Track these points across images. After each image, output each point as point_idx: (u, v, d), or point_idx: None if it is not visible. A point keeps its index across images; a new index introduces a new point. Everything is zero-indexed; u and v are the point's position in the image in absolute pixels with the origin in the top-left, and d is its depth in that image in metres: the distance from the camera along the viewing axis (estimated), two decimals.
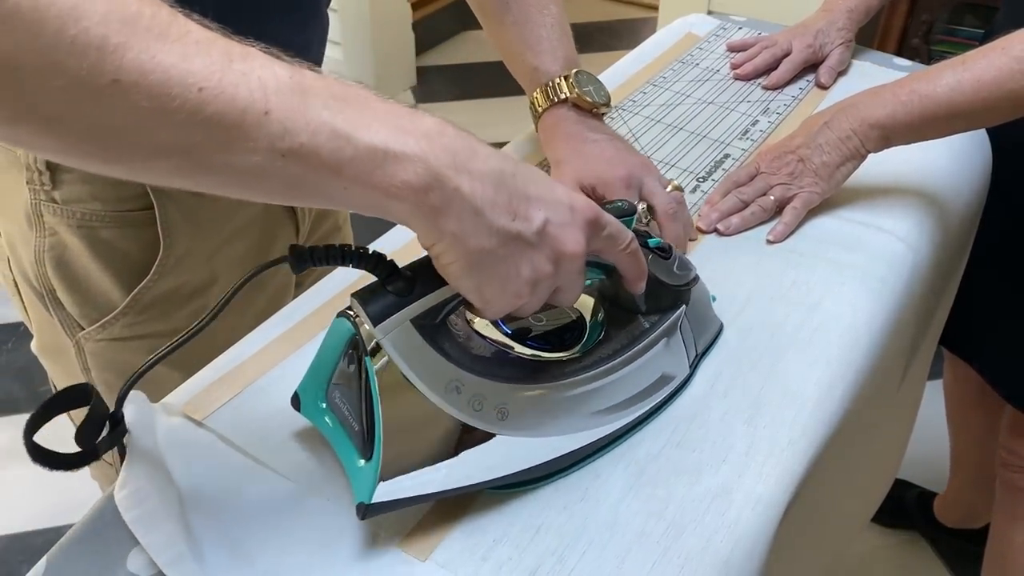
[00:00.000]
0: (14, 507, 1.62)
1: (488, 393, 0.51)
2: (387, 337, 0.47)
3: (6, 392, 1.85)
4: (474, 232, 0.44)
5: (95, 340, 0.75)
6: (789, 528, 0.56)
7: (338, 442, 0.52)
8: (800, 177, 0.79)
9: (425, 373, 0.48)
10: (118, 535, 0.50)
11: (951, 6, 2.17)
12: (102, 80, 0.35)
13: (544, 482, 0.54)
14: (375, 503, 0.48)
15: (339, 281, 0.70)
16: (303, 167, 0.40)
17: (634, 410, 0.57)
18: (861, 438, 0.74)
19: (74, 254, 0.72)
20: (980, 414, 1.41)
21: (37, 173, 0.68)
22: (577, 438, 0.54)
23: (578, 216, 0.48)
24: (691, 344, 0.62)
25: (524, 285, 0.47)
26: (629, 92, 0.97)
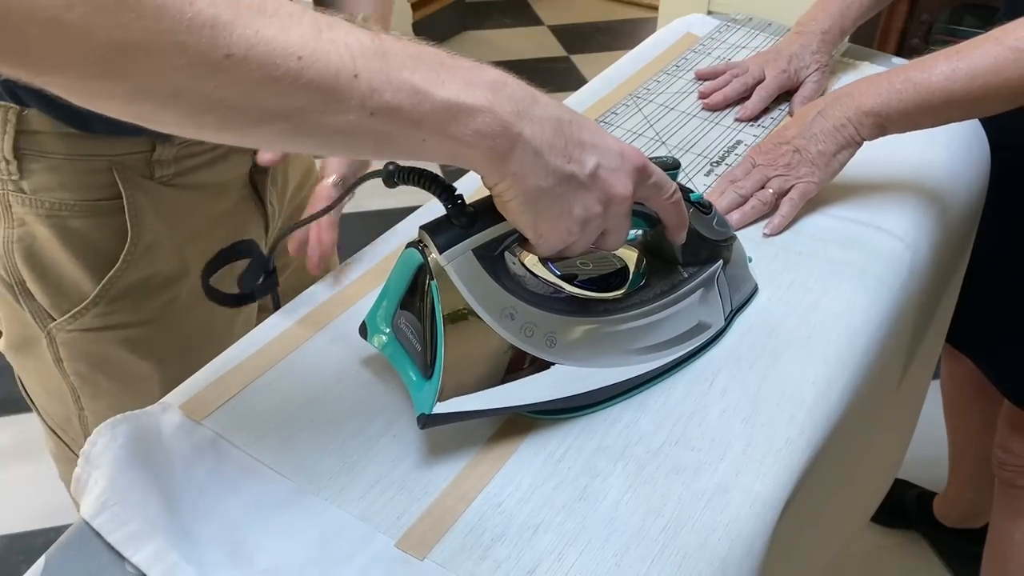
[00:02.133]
0: (14, 507, 1.62)
1: (538, 322, 0.56)
2: (451, 264, 0.52)
3: (6, 392, 1.85)
4: (533, 172, 0.48)
5: (66, 331, 0.75)
6: (787, 527, 0.56)
7: (400, 364, 0.57)
8: (797, 167, 0.78)
9: (483, 299, 0.53)
10: None
11: (951, 6, 2.17)
12: (216, 55, 0.38)
13: (582, 412, 0.59)
14: (435, 414, 0.53)
15: (329, 287, 0.70)
16: (388, 123, 0.44)
17: (671, 352, 0.62)
18: (860, 437, 0.74)
19: (43, 244, 0.71)
20: (977, 412, 1.41)
21: (4, 163, 0.68)
22: (618, 372, 0.59)
23: (627, 162, 0.52)
24: (727, 298, 0.66)
25: (575, 223, 0.52)
26: (629, 91, 0.97)
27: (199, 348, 0.65)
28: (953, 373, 1.43)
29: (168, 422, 0.57)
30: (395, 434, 0.57)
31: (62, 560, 0.50)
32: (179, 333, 0.78)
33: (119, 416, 0.55)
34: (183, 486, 0.53)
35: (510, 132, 0.47)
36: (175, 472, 0.54)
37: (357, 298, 0.68)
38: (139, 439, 0.54)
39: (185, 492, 0.53)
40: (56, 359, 0.77)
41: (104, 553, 0.49)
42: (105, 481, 0.51)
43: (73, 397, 0.80)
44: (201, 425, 0.57)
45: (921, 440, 1.40)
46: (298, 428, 0.57)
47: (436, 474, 0.54)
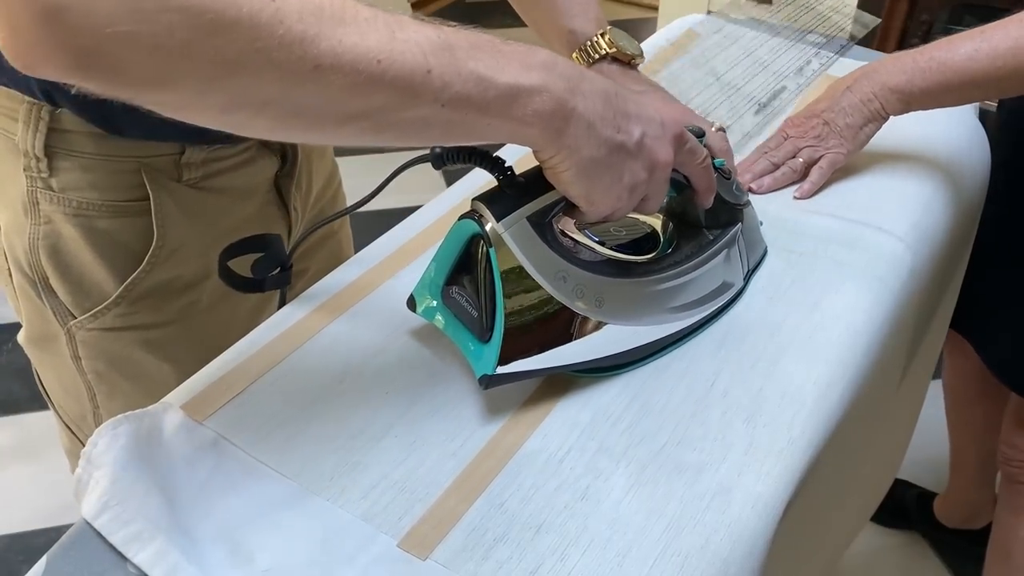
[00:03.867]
0: (14, 507, 1.62)
1: (587, 283, 0.59)
2: (507, 232, 0.55)
3: (6, 392, 1.85)
4: (587, 144, 0.52)
5: (86, 329, 0.75)
6: (789, 527, 0.56)
7: (454, 331, 0.60)
8: (826, 139, 0.82)
9: (538, 264, 0.57)
10: None
11: (951, 6, 2.17)
12: (306, 67, 0.41)
13: (625, 369, 0.62)
14: (497, 374, 0.56)
15: (330, 287, 0.70)
16: (458, 112, 0.47)
17: (702, 310, 0.66)
18: (860, 437, 0.74)
19: (69, 243, 0.72)
20: (980, 410, 1.42)
21: (35, 160, 0.68)
22: (658, 330, 0.63)
23: (668, 130, 0.57)
24: (745, 258, 0.70)
25: (624, 189, 0.56)
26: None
27: (217, 351, 0.65)
28: (956, 370, 1.43)
29: (169, 422, 0.57)
30: (397, 435, 0.57)
31: (63, 560, 0.50)
32: (198, 336, 0.78)
33: (120, 416, 0.55)
34: (185, 486, 0.53)
35: (565, 108, 0.50)
36: (177, 472, 0.53)
37: (357, 298, 0.68)
38: (141, 439, 0.54)
39: (187, 492, 0.52)
40: (74, 356, 0.77)
41: (106, 553, 0.49)
42: (107, 481, 0.51)
43: (89, 395, 0.80)
44: (202, 425, 0.57)
45: (921, 440, 1.40)
46: (300, 428, 0.57)
47: (438, 474, 0.54)
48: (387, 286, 0.69)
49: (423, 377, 0.61)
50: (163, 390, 0.62)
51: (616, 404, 0.60)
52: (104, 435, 0.54)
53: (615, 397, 0.60)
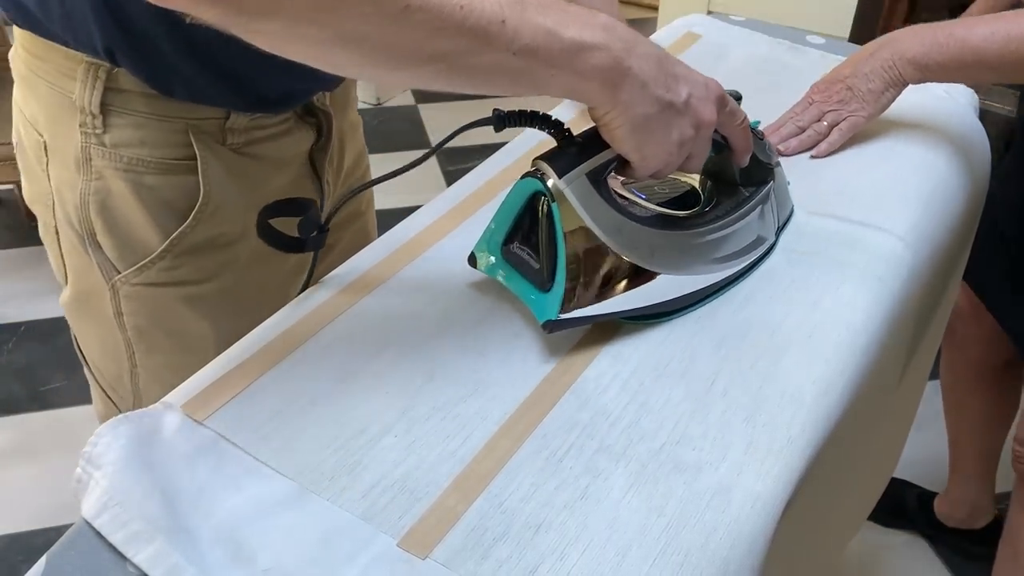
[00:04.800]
0: (14, 507, 1.62)
1: (641, 235, 0.64)
2: (569, 187, 0.59)
3: (6, 392, 1.85)
4: (640, 101, 0.56)
5: (130, 284, 0.79)
6: (788, 526, 0.56)
7: (516, 284, 0.65)
8: (849, 103, 0.86)
9: (597, 217, 0.61)
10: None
11: (951, 6, 2.17)
12: (397, 7, 0.46)
13: (673, 316, 0.67)
14: (560, 319, 0.61)
15: (330, 286, 0.70)
16: (527, 61, 0.52)
17: (740, 261, 0.70)
18: (859, 436, 0.74)
19: (118, 198, 0.75)
20: (977, 401, 1.42)
21: (91, 116, 0.72)
22: (704, 279, 0.68)
23: (711, 92, 0.61)
24: (775, 214, 0.74)
25: (674, 145, 0.60)
26: None
27: (253, 310, 0.68)
28: (952, 365, 1.43)
29: (169, 422, 0.57)
30: (396, 434, 0.57)
31: (63, 560, 0.50)
32: (235, 294, 0.81)
33: (120, 416, 0.55)
34: (185, 486, 0.53)
35: (621, 66, 0.55)
36: (177, 472, 0.54)
37: (357, 298, 0.68)
38: (141, 439, 0.54)
39: (186, 492, 0.52)
40: (117, 313, 0.80)
41: (106, 553, 0.50)
42: (107, 482, 0.51)
43: (128, 353, 0.83)
44: (202, 425, 0.57)
45: (921, 440, 1.41)
46: (300, 428, 0.57)
47: (438, 474, 0.54)
48: (386, 287, 0.69)
49: (423, 377, 0.61)
50: (200, 347, 0.66)
51: (616, 403, 0.60)
52: (104, 435, 0.54)
53: (614, 396, 0.60)
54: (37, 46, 0.73)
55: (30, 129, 0.77)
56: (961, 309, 1.36)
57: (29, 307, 2.09)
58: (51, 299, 2.14)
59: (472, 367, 0.62)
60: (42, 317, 2.06)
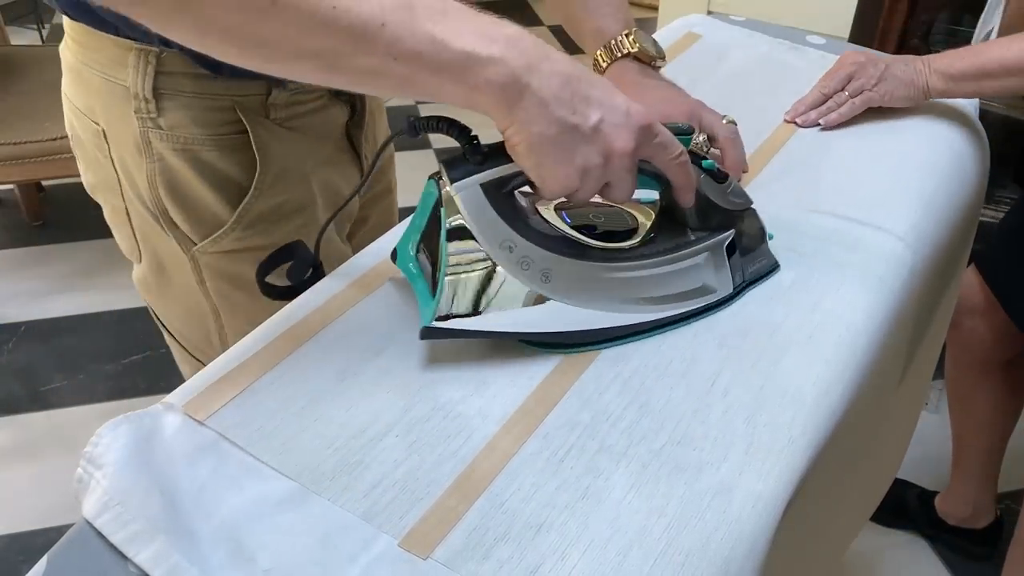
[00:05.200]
0: (14, 507, 1.62)
1: (535, 257, 0.61)
2: (460, 194, 0.58)
3: (6, 392, 1.85)
4: (538, 120, 0.54)
5: (209, 253, 0.82)
6: (789, 526, 0.56)
7: (417, 285, 0.64)
8: (875, 80, 0.91)
9: (484, 229, 0.59)
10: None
11: (951, 6, 2.17)
12: (264, 2, 0.46)
13: (575, 349, 0.63)
14: (432, 327, 0.60)
15: (330, 287, 0.70)
16: (409, 68, 0.51)
17: (671, 307, 0.66)
18: (860, 436, 0.74)
19: (181, 176, 0.78)
20: (982, 398, 1.42)
21: (144, 102, 0.75)
22: (613, 317, 0.64)
23: (632, 120, 0.57)
24: (737, 267, 0.69)
25: (575, 171, 0.56)
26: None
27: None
28: (957, 362, 1.43)
29: (170, 422, 0.57)
30: (397, 434, 0.57)
31: (64, 560, 0.50)
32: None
33: (121, 417, 0.55)
34: (185, 486, 0.53)
35: (519, 82, 0.52)
36: (177, 472, 0.53)
37: (358, 299, 0.68)
38: (141, 439, 0.54)
39: (187, 492, 0.52)
40: (200, 280, 0.84)
41: (106, 553, 0.50)
42: (107, 482, 0.51)
43: (214, 316, 0.87)
44: (203, 425, 0.57)
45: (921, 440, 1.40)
46: (300, 428, 0.57)
47: (439, 474, 0.54)
48: (386, 287, 0.69)
49: (424, 377, 0.61)
50: (277, 305, 0.69)
51: (616, 404, 0.60)
52: (105, 435, 0.54)
53: (615, 397, 0.60)
54: (89, 38, 0.75)
55: (85, 120, 0.80)
56: (973, 304, 1.37)
57: (29, 307, 2.09)
58: (51, 299, 2.15)
59: (473, 367, 0.62)
60: (42, 317, 2.06)
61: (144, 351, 1.95)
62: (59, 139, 1.83)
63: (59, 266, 2.22)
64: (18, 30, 3.07)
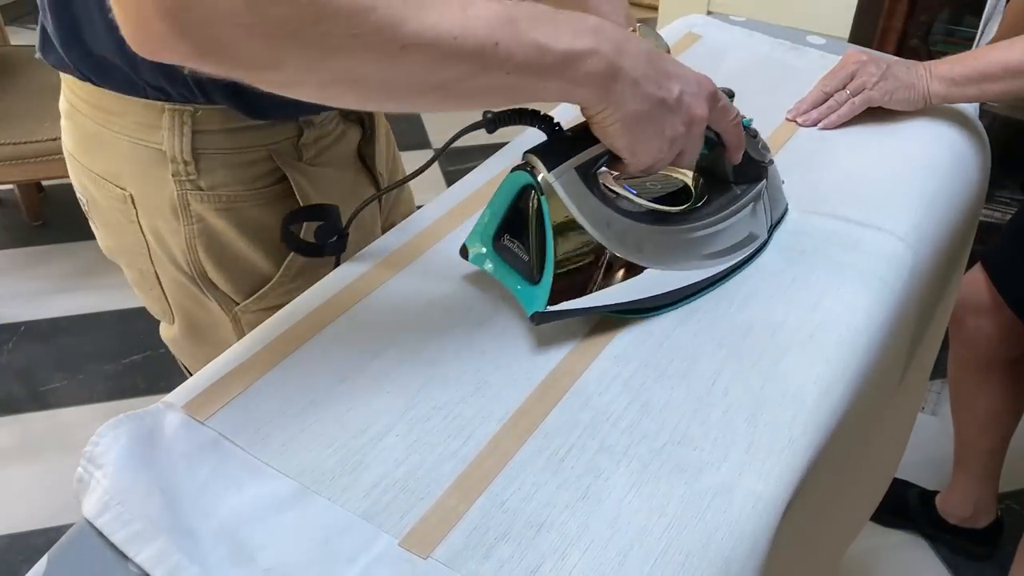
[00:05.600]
0: (14, 507, 1.62)
1: (629, 230, 0.64)
2: (558, 181, 0.60)
3: (6, 392, 1.85)
4: (632, 99, 0.57)
5: (251, 311, 0.81)
6: (790, 526, 0.56)
7: (505, 276, 0.66)
8: (877, 78, 0.91)
9: (585, 210, 0.62)
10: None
11: (951, 6, 2.17)
12: (395, 48, 0.47)
13: (664, 310, 0.67)
14: (547, 311, 0.62)
15: (335, 283, 0.70)
16: (519, 77, 0.53)
17: (731, 258, 0.71)
18: (861, 436, 0.74)
19: (222, 236, 0.77)
20: (985, 397, 1.42)
21: (183, 164, 0.73)
22: (693, 274, 0.68)
23: (703, 89, 0.62)
24: (768, 213, 0.75)
25: (665, 142, 0.61)
26: None
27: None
28: (960, 362, 1.43)
29: (171, 422, 0.57)
30: (398, 434, 0.57)
31: (65, 560, 0.50)
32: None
33: (121, 416, 0.55)
34: (186, 486, 0.53)
35: (613, 67, 0.55)
36: (178, 472, 0.54)
37: (358, 299, 0.68)
38: (142, 439, 0.54)
39: (188, 492, 0.52)
40: (240, 338, 0.82)
41: (107, 553, 0.50)
42: (108, 481, 0.51)
43: None
44: (204, 425, 0.57)
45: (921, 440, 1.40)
46: (301, 428, 0.57)
47: (439, 473, 0.54)
48: (387, 286, 0.69)
49: (424, 377, 0.61)
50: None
51: (617, 403, 0.60)
52: (105, 435, 0.54)
53: (616, 396, 0.60)
54: (114, 102, 0.73)
55: (107, 185, 0.77)
56: (978, 303, 1.37)
57: (29, 307, 2.09)
58: (51, 299, 2.15)
59: (473, 367, 0.62)
60: (42, 317, 2.06)
61: (144, 351, 1.95)
62: (59, 139, 1.82)
63: (59, 266, 2.22)
64: (18, 30, 3.07)
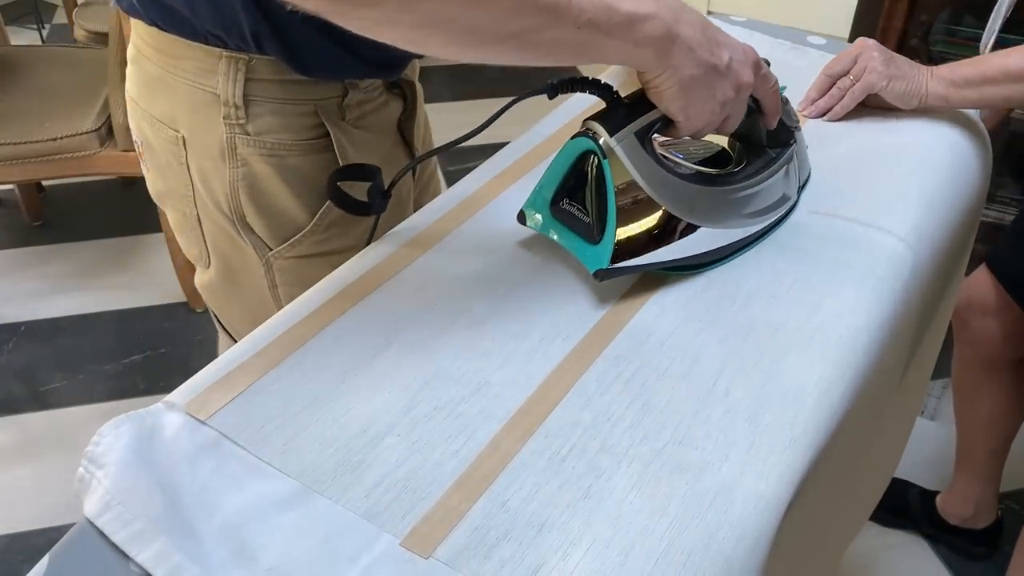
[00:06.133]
0: (14, 507, 1.62)
1: (683, 190, 0.69)
2: (619, 145, 0.65)
3: (6, 392, 1.85)
4: (688, 64, 0.62)
5: (284, 258, 0.85)
6: (791, 526, 0.56)
7: (565, 238, 0.70)
8: (881, 67, 0.91)
9: (644, 172, 0.66)
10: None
11: (951, 6, 2.17)
12: None
13: (709, 267, 0.72)
14: (610, 268, 0.66)
15: (342, 278, 0.70)
16: (589, 34, 0.57)
17: (768, 217, 0.76)
18: (861, 436, 0.74)
19: (264, 181, 0.81)
20: (989, 398, 1.42)
21: (234, 108, 0.78)
22: (738, 232, 0.73)
23: (749, 57, 0.67)
24: (797, 175, 0.80)
25: (716, 105, 0.66)
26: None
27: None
28: (964, 362, 1.43)
29: (172, 422, 0.57)
30: (399, 434, 0.57)
31: (66, 559, 0.50)
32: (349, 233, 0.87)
33: (122, 416, 0.55)
34: (187, 485, 0.53)
35: (671, 33, 0.60)
36: (179, 471, 0.54)
37: (358, 299, 0.68)
38: (143, 439, 0.54)
39: (189, 491, 0.52)
40: (271, 285, 0.87)
41: (108, 552, 0.50)
42: (109, 481, 0.51)
43: None
44: (205, 424, 0.57)
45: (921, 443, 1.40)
46: (302, 428, 0.57)
47: (440, 473, 0.54)
48: (387, 286, 0.69)
49: (425, 377, 0.61)
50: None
51: (618, 403, 0.60)
52: (106, 435, 0.54)
53: (617, 396, 0.60)
54: (176, 47, 0.77)
55: (163, 128, 0.81)
56: (983, 303, 1.37)
57: (29, 307, 2.09)
58: (51, 299, 2.15)
59: (475, 366, 0.62)
60: (42, 317, 2.06)
61: (144, 351, 1.95)
62: (59, 139, 1.83)
63: (59, 266, 2.22)
64: (18, 30, 3.07)
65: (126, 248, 2.26)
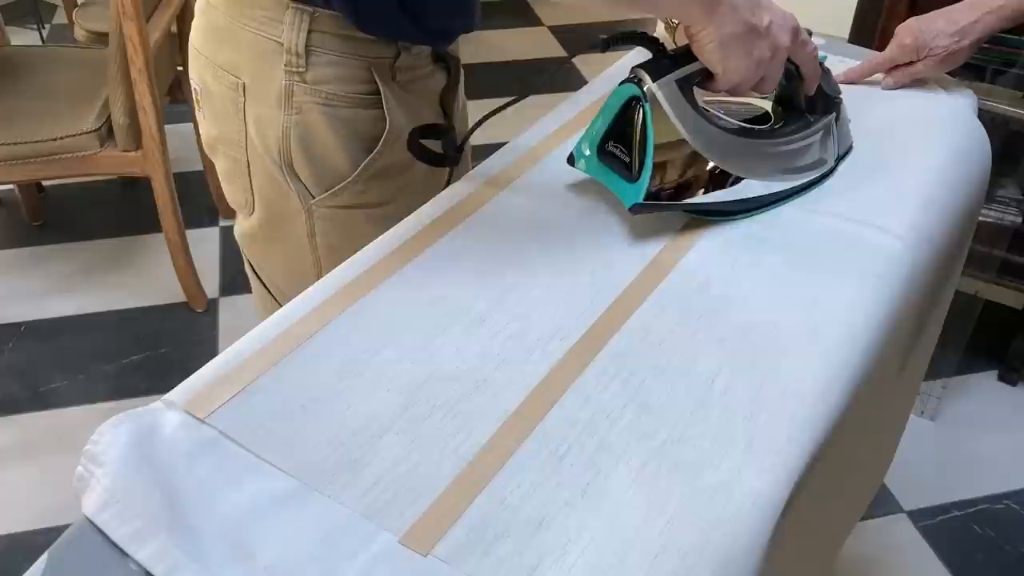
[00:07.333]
0: (14, 507, 1.62)
1: (719, 139, 0.75)
2: (661, 91, 0.71)
3: (6, 392, 1.85)
4: (730, 21, 0.70)
5: (325, 207, 0.90)
6: (788, 524, 0.56)
7: (607, 177, 0.76)
8: (941, 56, 0.97)
9: (683, 118, 0.72)
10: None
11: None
12: None
13: (745, 215, 0.77)
14: (643, 203, 0.72)
15: (338, 281, 0.70)
16: None
17: (803, 176, 0.81)
18: (858, 434, 0.74)
19: (315, 130, 0.85)
20: None
21: (295, 56, 0.83)
22: (772, 185, 0.78)
23: (788, 21, 0.74)
24: (835, 144, 0.84)
25: (753, 62, 0.72)
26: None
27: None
28: None
29: (171, 420, 0.57)
30: (398, 431, 0.57)
31: (65, 557, 0.50)
32: (407, 213, 0.89)
33: (121, 415, 0.56)
34: (186, 483, 0.53)
35: None
36: (178, 470, 0.54)
37: (356, 299, 0.68)
38: (142, 437, 0.55)
39: (188, 490, 0.53)
40: (310, 233, 0.92)
41: (107, 550, 0.50)
42: (108, 479, 0.52)
43: (315, 271, 0.93)
44: (204, 423, 0.57)
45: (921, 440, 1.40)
46: (300, 426, 0.57)
47: (439, 471, 0.55)
48: (387, 285, 0.69)
49: (424, 375, 0.61)
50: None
51: (616, 402, 0.60)
52: (105, 433, 0.54)
53: (615, 395, 0.60)
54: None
55: (224, 75, 0.87)
56: None
57: (29, 307, 2.09)
58: (51, 299, 2.15)
59: (473, 365, 0.62)
60: (42, 317, 2.06)
61: (144, 351, 1.95)
62: (59, 139, 1.83)
63: (59, 266, 2.22)
64: (18, 30, 3.08)
65: (126, 248, 2.26)
